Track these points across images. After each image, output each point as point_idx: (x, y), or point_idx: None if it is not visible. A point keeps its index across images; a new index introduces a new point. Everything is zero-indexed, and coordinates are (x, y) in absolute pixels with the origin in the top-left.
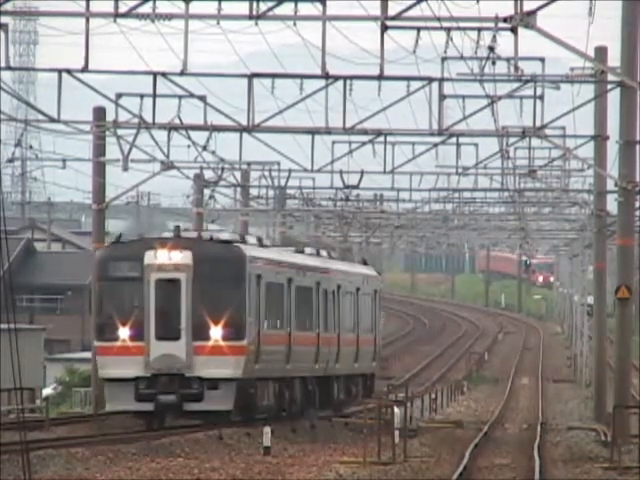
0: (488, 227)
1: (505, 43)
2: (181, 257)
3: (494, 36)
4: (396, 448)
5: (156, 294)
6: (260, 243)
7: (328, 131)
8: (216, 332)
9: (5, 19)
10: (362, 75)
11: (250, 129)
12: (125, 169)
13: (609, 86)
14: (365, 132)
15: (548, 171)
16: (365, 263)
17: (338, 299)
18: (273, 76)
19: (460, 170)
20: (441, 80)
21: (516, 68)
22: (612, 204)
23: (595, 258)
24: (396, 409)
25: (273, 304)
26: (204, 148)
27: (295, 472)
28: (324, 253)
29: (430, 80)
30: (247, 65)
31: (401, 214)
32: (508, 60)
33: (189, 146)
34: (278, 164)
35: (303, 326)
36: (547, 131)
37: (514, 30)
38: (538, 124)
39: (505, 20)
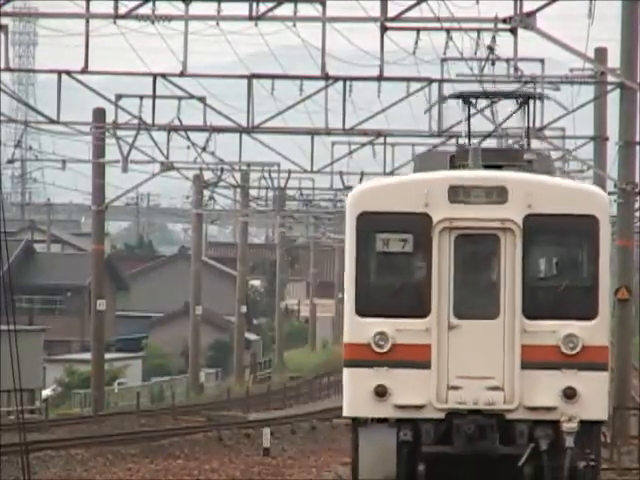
0: None
1: (505, 44)
2: None
3: (494, 37)
4: None
5: None
6: None
7: (328, 132)
8: None
9: (5, 20)
10: (362, 76)
11: (250, 130)
12: (125, 170)
13: (609, 87)
14: (365, 133)
15: None
16: None
17: None
18: (273, 77)
19: None
20: (441, 81)
21: (516, 69)
22: (612, 205)
23: None
24: None
25: None
26: (204, 149)
27: (295, 473)
28: None
29: (430, 81)
30: (247, 66)
31: None
32: (508, 61)
33: (189, 147)
34: (278, 165)
35: None
36: (547, 132)
37: (514, 31)
38: (538, 125)
39: (505, 21)
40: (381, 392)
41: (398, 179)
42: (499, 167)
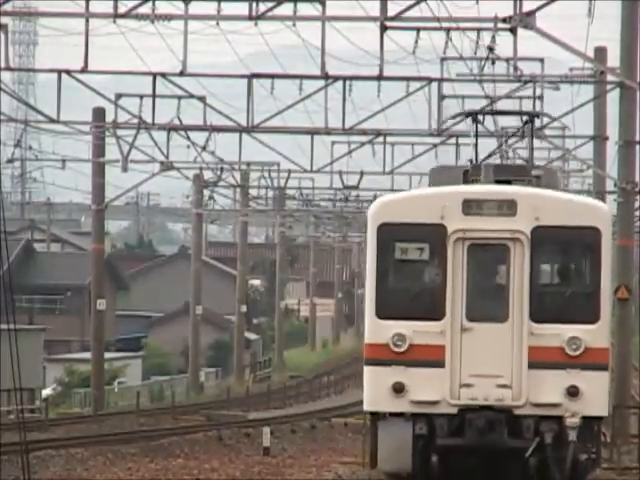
0: None
1: (504, 43)
2: None
3: (493, 36)
4: None
5: None
6: None
7: (327, 131)
8: None
9: (5, 19)
10: (361, 76)
11: (249, 129)
12: (124, 169)
13: (608, 86)
14: (364, 132)
15: None
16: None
17: None
18: (272, 77)
19: None
20: (440, 80)
21: (515, 68)
22: (612, 204)
23: None
24: None
25: None
26: (203, 148)
27: (294, 473)
28: None
29: (429, 80)
30: (247, 66)
31: None
32: (507, 60)
33: (188, 146)
34: (278, 164)
35: None
36: (546, 131)
37: (513, 30)
38: (537, 124)
39: (504, 20)
40: (398, 388)
41: (416, 193)
42: (509, 182)
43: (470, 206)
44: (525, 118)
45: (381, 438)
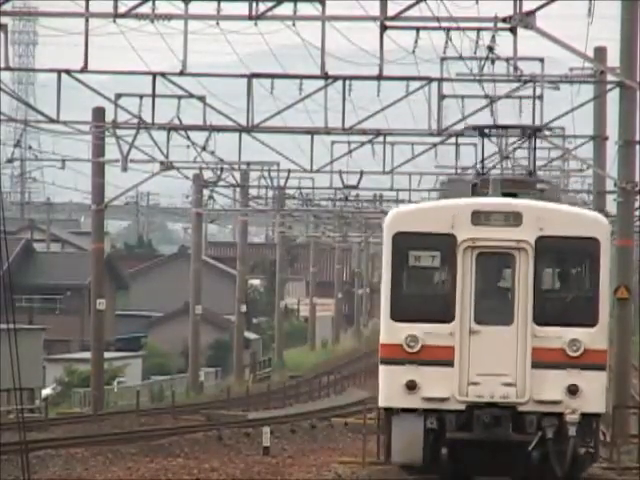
0: None
1: (504, 43)
2: None
3: (493, 36)
4: None
5: None
6: None
7: (327, 131)
8: None
9: (4, 19)
10: (361, 75)
11: (249, 129)
12: (124, 169)
13: (608, 86)
14: (364, 132)
15: (547, 171)
16: None
17: None
18: (272, 76)
19: (459, 170)
20: (440, 80)
21: (515, 68)
22: (611, 204)
23: None
24: None
25: None
26: (203, 148)
27: (294, 472)
28: None
29: (429, 80)
30: (246, 65)
31: None
32: (507, 60)
33: (188, 146)
34: (277, 164)
35: None
36: (546, 131)
37: (513, 30)
38: (537, 124)
39: (504, 20)
40: (411, 386)
41: (428, 204)
42: (515, 195)
43: (479, 217)
44: (528, 132)
45: (394, 432)
